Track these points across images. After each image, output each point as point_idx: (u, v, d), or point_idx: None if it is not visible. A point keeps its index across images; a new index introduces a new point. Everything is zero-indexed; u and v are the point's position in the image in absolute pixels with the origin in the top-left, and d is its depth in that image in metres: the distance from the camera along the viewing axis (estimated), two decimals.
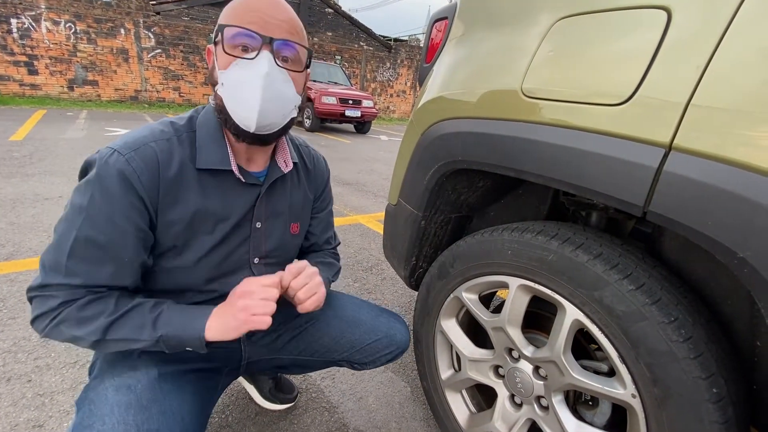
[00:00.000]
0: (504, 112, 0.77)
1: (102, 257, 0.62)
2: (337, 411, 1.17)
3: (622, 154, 0.58)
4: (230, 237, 0.75)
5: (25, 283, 1.66)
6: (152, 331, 0.63)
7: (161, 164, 0.64)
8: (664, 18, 0.57)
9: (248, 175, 0.74)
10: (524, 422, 0.85)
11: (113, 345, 0.64)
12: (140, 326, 0.63)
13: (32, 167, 3.38)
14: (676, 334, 0.59)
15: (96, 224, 0.61)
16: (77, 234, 0.60)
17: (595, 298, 0.67)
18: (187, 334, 0.64)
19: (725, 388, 0.58)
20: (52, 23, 8.08)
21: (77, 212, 0.61)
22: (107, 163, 0.61)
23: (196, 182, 0.68)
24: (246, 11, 0.62)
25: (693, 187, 0.52)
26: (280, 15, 0.64)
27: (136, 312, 0.64)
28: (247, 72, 0.62)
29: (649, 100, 0.57)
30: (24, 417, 1.04)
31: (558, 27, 0.70)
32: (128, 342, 0.63)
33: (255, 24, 0.62)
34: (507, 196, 1.11)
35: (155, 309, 0.65)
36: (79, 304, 0.62)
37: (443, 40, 1.04)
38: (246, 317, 0.64)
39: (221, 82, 0.64)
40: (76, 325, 0.61)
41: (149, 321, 0.63)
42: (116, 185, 0.61)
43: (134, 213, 0.63)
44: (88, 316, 0.62)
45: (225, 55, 0.63)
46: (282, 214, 0.83)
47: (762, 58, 0.48)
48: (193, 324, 0.65)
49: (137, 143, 0.64)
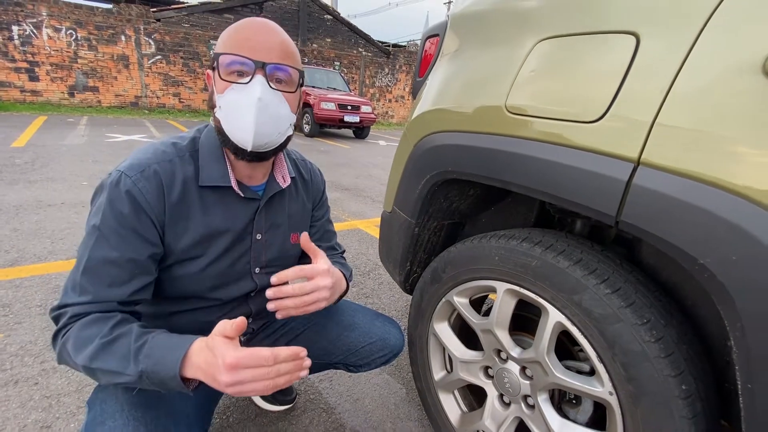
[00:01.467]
0: (490, 126, 0.82)
1: (115, 274, 0.65)
2: (335, 412, 1.21)
3: (596, 168, 0.63)
4: (232, 249, 0.79)
5: (30, 289, 1.70)
6: (134, 364, 0.57)
7: (165, 185, 0.69)
8: (633, 43, 0.62)
9: (247, 190, 0.78)
10: (512, 420, 0.89)
11: (101, 376, 0.60)
12: (124, 357, 0.58)
13: (34, 174, 3.42)
14: (648, 335, 0.64)
15: (108, 242, 0.65)
16: (91, 253, 0.64)
17: (575, 301, 0.71)
18: (163, 372, 0.56)
19: (694, 385, 0.63)
20: (54, 30, 8.17)
21: (91, 234, 0.65)
22: (116, 185, 0.65)
23: (198, 199, 0.73)
24: (240, 38, 0.67)
25: (658, 199, 0.56)
26: (272, 39, 0.68)
27: (124, 340, 0.59)
28: (241, 96, 0.66)
29: (619, 118, 0.61)
30: (32, 418, 1.08)
31: (539, 48, 0.75)
32: (114, 374, 0.58)
33: (248, 50, 0.66)
34: (497, 204, 1.16)
35: (141, 338, 0.60)
36: (83, 321, 0.62)
37: (435, 56, 1.09)
38: (235, 391, 0.54)
39: (219, 106, 0.69)
40: (75, 347, 0.59)
41: (132, 352, 0.58)
42: (126, 205, 0.65)
43: (144, 229, 0.67)
44: (86, 336, 0.60)
45: (221, 80, 0.68)
46: (281, 225, 0.87)
47: (718, 82, 0.53)
48: (168, 360, 0.56)
49: (142, 165, 0.68)
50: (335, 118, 7.73)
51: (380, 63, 13.05)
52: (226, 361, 0.52)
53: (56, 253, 2.06)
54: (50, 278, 1.80)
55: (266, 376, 0.53)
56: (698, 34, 0.56)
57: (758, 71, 0.50)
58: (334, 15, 11.99)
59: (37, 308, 1.57)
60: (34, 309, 1.57)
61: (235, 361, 0.51)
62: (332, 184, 4.23)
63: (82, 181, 3.34)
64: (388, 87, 13.54)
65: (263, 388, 0.54)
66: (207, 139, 0.76)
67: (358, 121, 8.08)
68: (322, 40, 11.89)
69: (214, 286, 0.79)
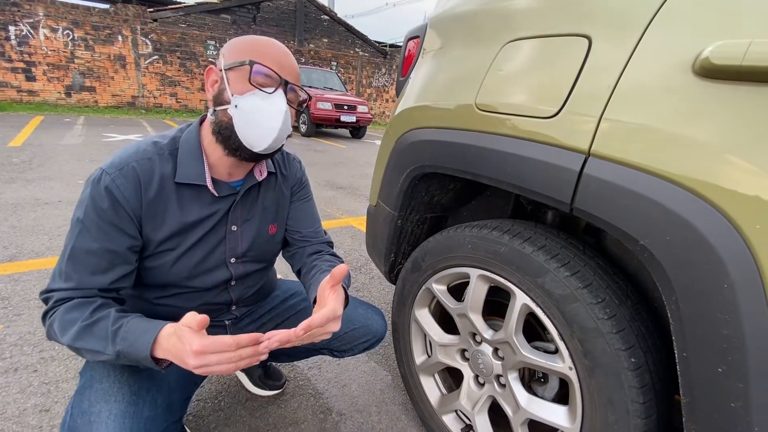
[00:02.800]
0: (463, 122, 0.87)
1: (95, 263, 0.71)
2: (323, 397, 1.27)
3: (553, 159, 0.69)
4: (205, 239, 0.83)
5: (29, 283, 1.75)
6: (113, 345, 0.64)
7: (143, 181, 0.73)
8: (586, 45, 0.68)
9: (223, 188, 0.82)
10: (486, 399, 0.95)
11: (85, 354, 0.67)
12: (104, 338, 0.65)
13: (32, 173, 3.46)
14: (602, 313, 0.69)
15: (90, 233, 0.70)
16: (74, 243, 0.70)
17: (539, 284, 0.77)
18: (136, 352, 0.63)
19: (643, 358, 0.68)
20: (50, 30, 8.19)
21: (75, 226, 0.71)
22: (97, 182, 0.71)
23: (175, 195, 0.77)
24: (267, 53, 0.74)
25: (605, 187, 0.62)
26: (291, 63, 0.78)
27: (103, 323, 0.66)
28: (265, 103, 0.73)
29: (573, 114, 0.67)
30: (31, 402, 1.13)
31: (505, 49, 0.81)
32: (95, 353, 0.65)
33: (276, 65, 0.74)
34: (477, 198, 1.21)
35: (118, 322, 0.66)
36: (67, 305, 0.68)
37: (416, 56, 1.14)
38: (202, 372, 0.59)
39: (234, 104, 0.73)
40: (60, 328, 0.67)
41: (111, 335, 0.64)
42: (105, 200, 0.70)
43: (122, 223, 0.72)
44: (69, 319, 0.66)
45: (245, 83, 0.72)
46: (257, 217, 0.90)
47: (655, 80, 0.59)
48: (141, 341, 0.63)
49: (122, 163, 0.73)
50: (332, 118, 7.78)
51: (377, 63, 13.11)
52: (193, 348, 0.57)
53: (54, 249, 2.10)
54: (48, 273, 1.85)
55: (229, 360, 0.59)
56: (641, 36, 0.62)
57: (688, 70, 0.56)
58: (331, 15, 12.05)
59: (35, 301, 1.62)
60: (33, 302, 1.62)
61: (200, 348, 0.57)
62: (327, 183, 4.28)
63: (78, 180, 3.39)
64: (384, 87, 13.60)
65: (227, 370, 0.59)
66: (187, 138, 0.79)
67: (355, 121, 8.13)
68: (319, 41, 11.95)
69: (189, 276, 0.83)
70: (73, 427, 0.65)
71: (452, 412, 1.06)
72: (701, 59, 0.53)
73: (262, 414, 1.18)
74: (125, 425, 0.65)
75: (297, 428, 1.14)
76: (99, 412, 0.66)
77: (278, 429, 1.13)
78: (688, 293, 0.55)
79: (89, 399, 0.68)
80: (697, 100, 0.54)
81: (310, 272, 0.92)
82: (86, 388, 0.68)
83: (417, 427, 1.18)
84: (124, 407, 0.67)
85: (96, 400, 0.68)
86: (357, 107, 8.15)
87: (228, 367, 0.59)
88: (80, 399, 0.69)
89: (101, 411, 0.66)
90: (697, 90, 0.54)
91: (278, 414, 1.18)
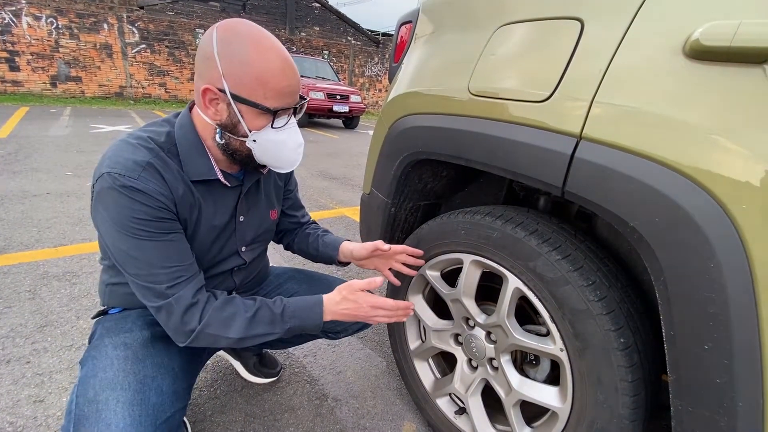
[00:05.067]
0: (455, 108, 0.87)
1: (174, 254, 0.71)
2: (318, 383, 1.28)
3: (545, 143, 0.69)
4: (222, 233, 0.85)
5: (18, 275, 1.72)
6: (282, 324, 0.78)
7: (166, 179, 0.70)
8: (578, 28, 0.68)
9: (231, 178, 0.82)
10: (479, 382, 0.97)
11: (250, 341, 0.77)
12: (271, 322, 0.77)
13: (18, 164, 3.39)
14: (592, 295, 0.71)
15: (145, 237, 0.67)
16: (138, 259, 0.68)
17: (530, 267, 0.78)
18: (310, 323, 0.80)
19: (632, 338, 0.70)
20: (33, 18, 7.96)
21: (123, 240, 0.67)
22: (120, 186, 0.65)
23: (190, 192, 0.75)
24: (283, 88, 0.69)
25: (596, 170, 0.63)
26: (297, 82, 0.72)
27: (264, 310, 0.78)
28: (283, 136, 0.75)
29: (565, 97, 0.67)
30: (25, 394, 1.12)
31: (498, 33, 0.81)
32: (264, 336, 0.77)
33: (292, 99, 0.73)
34: (470, 185, 1.22)
35: (277, 305, 0.79)
36: (214, 306, 0.74)
37: (408, 42, 1.13)
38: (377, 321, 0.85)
39: (252, 139, 0.72)
40: (222, 326, 0.73)
41: (278, 317, 0.78)
42: (141, 198, 0.66)
43: (165, 213, 0.69)
44: (228, 316, 0.74)
45: (261, 121, 0.71)
46: (260, 205, 0.92)
47: (646, 63, 0.59)
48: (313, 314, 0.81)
49: (137, 164, 0.67)
50: (324, 108, 7.71)
51: (370, 52, 12.96)
52: (369, 303, 0.82)
53: (43, 241, 2.08)
54: (38, 265, 1.83)
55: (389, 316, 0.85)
56: (632, 19, 0.62)
57: (679, 53, 0.56)
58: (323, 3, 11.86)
59: (26, 293, 1.60)
60: (24, 294, 1.60)
61: (375, 303, 0.82)
62: (320, 173, 4.26)
63: (66, 172, 3.33)
64: (377, 77, 13.48)
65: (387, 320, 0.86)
66: (183, 135, 0.75)
67: (348, 111, 8.06)
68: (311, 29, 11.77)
69: (207, 267, 0.84)
70: (81, 415, 0.65)
71: (446, 395, 1.07)
72: (691, 41, 0.53)
73: (257, 401, 1.19)
74: (134, 412, 0.65)
75: (293, 414, 1.15)
76: (106, 400, 0.66)
77: (274, 415, 1.14)
78: (675, 273, 0.56)
79: (95, 388, 0.67)
80: (687, 83, 0.55)
81: (308, 238, 1.09)
82: (90, 377, 0.68)
83: (411, 411, 1.20)
84: (131, 395, 0.67)
85: (102, 388, 0.67)
86: (350, 97, 8.07)
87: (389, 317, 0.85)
88: (85, 388, 0.68)
89: (108, 399, 0.66)
90: (687, 72, 0.55)
91: (274, 401, 1.19)
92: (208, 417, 1.11)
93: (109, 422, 0.63)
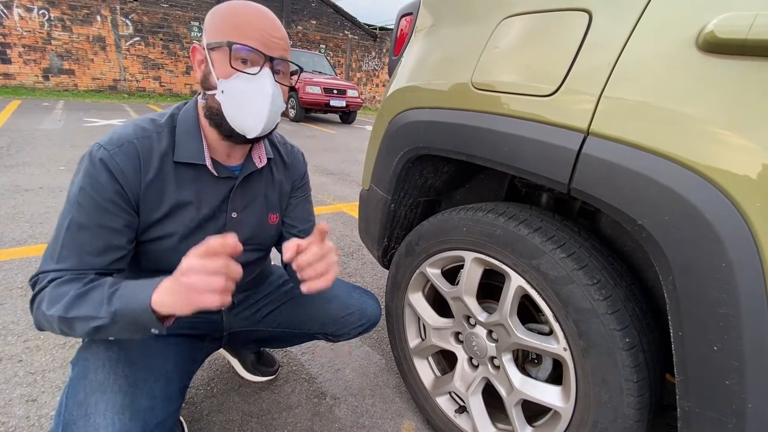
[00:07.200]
0: (458, 102, 0.85)
1: (91, 241, 0.67)
2: (316, 381, 1.27)
3: (551, 139, 0.67)
4: (205, 225, 0.80)
5: (10, 272, 1.69)
6: (108, 306, 0.60)
7: (142, 159, 0.71)
8: (586, 20, 0.66)
9: (223, 169, 0.80)
10: (480, 381, 0.95)
11: (77, 324, 0.61)
12: (99, 302, 0.61)
13: (10, 159, 3.34)
14: (597, 294, 0.69)
15: (85, 210, 0.67)
16: (70, 221, 0.67)
17: (534, 265, 0.76)
18: (135, 305, 0.59)
19: (638, 338, 0.69)
20: (25, 10, 7.82)
21: (71, 203, 0.67)
22: (94, 157, 0.67)
23: (173, 174, 0.74)
24: (248, 27, 0.68)
25: (604, 166, 0.61)
26: (277, 33, 0.71)
27: (98, 289, 0.62)
28: (251, 87, 0.69)
29: (572, 91, 0.65)
30: (17, 393, 1.10)
31: (502, 26, 0.79)
32: (89, 320, 0.60)
33: (258, 42, 0.68)
34: (471, 181, 1.20)
35: (114, 285, 0.63)
36: (58, 281, 0.64)
37: (409, 34, 1.11)
38: (195, 297, 0.55)
39: (221, 90, 0.69)
40: (49, 303, 0.62)
41: (106, 296, 0.61)
42: (103, 175, 0.67)
43: (119, 199, 0.69)
44: (60, 293, 0.62)
45: (227, 66, 0.68)
46: (258, 205, 0.88)
47: (657, 56, 0.57)
48: (139, 295, 0.59)
49: (121, 140, 0.70)
50: (321, 103, 7.65)
51: (367, 46, 12.87)
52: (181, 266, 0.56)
53: (36, 236, 2.04)
54: (30, 261, 1.80)
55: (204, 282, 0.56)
56: (642, 10, 0.60)
57: (692, 45, 0.54)
58: None
59: (18, 290, 1.58)
60: (16, 291, 1.57)
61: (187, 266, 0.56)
62: (317, 168, 4.22)
63: (59, 166, 3.28)
64: (375, 71, 13.39)
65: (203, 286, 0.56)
66: (185, 117, 0.77)
67: (345, 106, 8.01)
68: (307, 23, 11.65)
69: None
70: (69, 420, 0.63)
71: (446, 394, 1.06)
72: (705, 33, 0.52)
73: (255, 400, 1.17)
74: (124, 417, 0.63)
75: (291, 413, 1.14)
76: (96, 403, 0.64)
77: (272, 414, 1.13)
78: (685, 272, 0.55)
79: (84, 390, 0.65)
80: (700, 77, 0.53)
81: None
82: (80, 379, 0.66)
83: (411, 410, 1.19)
84: (122, 398, 0.65)
85: (92, 391, 0.65)
86: (347, 91, 8.02)
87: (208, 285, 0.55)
88: (74, 390, 0.66)
89: (98, 402, 0.64)
90: (700, 66, 0.53)
91: (272, 399, 1.18)
92: (205, 416, 1.10)
93: (97, 427, 0.61)
